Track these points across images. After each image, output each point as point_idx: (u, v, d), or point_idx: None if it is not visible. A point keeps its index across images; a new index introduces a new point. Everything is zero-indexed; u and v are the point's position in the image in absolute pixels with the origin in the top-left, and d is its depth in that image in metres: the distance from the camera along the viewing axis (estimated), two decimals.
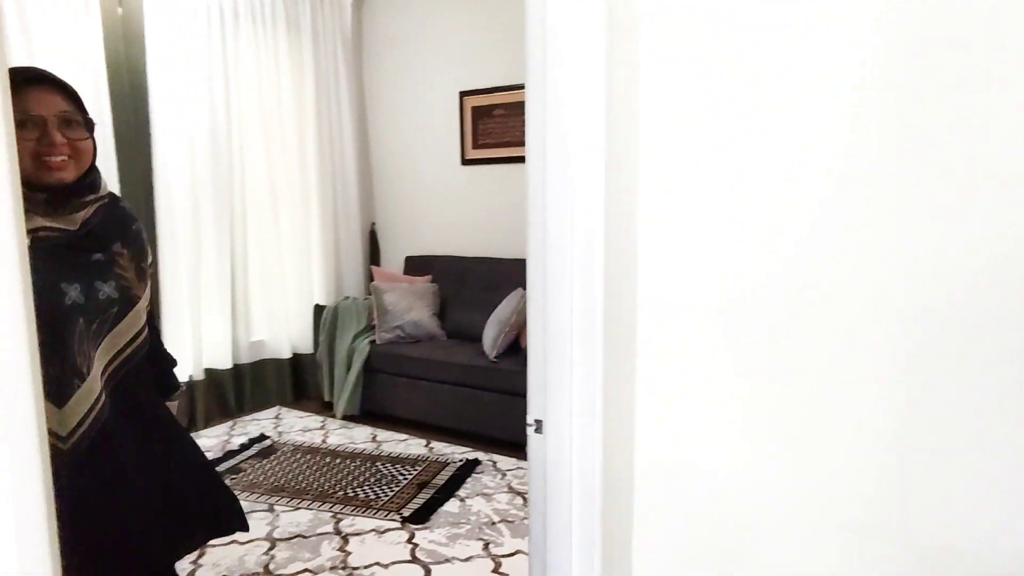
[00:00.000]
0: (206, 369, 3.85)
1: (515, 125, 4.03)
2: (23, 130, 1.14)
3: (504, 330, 3.39)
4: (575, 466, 1.16)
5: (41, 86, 1.19)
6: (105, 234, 1.28)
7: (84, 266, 1.24)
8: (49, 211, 1.19)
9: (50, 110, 1.18)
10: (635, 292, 1.03)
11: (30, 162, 1.15)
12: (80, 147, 1.21)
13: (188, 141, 3.63)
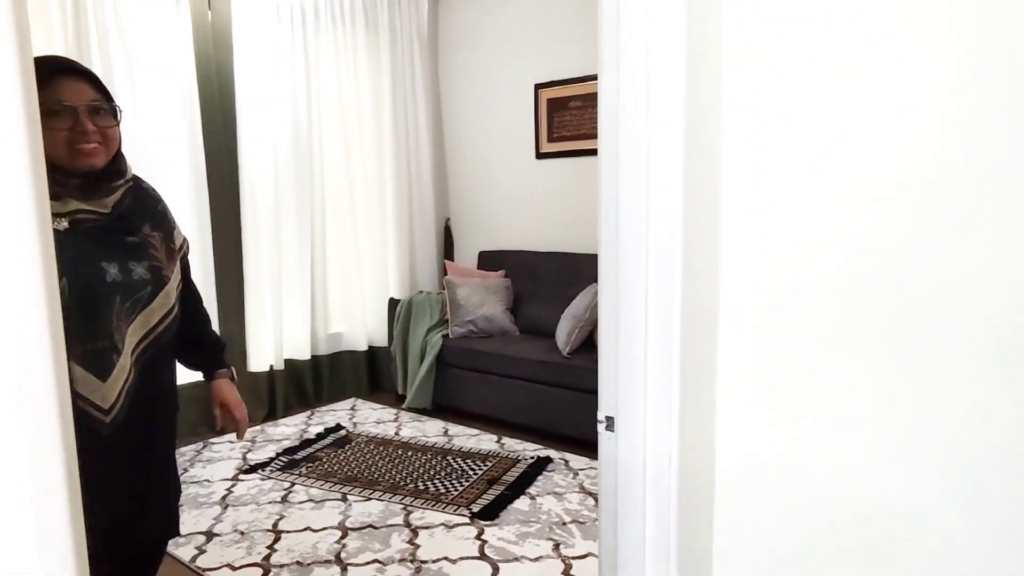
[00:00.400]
0: (286, 360, 3.96)
1: (591, 117, 3.93)
2: (55, 119, 1.19)
3: (578, 326, 3.31)
4: (649, 467, 1.08)
5: (71, 76, 1.23)
6: (135, 216, 1.33)
7: (120, 247, 1.29)
8: (83, 195, 1.23)
9: (81, 99, 1.22)
10: (716, 278, 0.93)
11: (63, 149, 1.20)
12: (109, 134, 1.26)
13: (271, 138, 3.74)
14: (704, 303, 0.96)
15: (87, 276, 1.23)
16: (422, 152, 4.51)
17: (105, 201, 1.27)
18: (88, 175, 1.24)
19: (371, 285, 4.34)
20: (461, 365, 3.73)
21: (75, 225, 1.23)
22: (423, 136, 4.50)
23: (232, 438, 3.52)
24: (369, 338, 4.35)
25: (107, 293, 1.25)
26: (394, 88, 4.30)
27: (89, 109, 1.24)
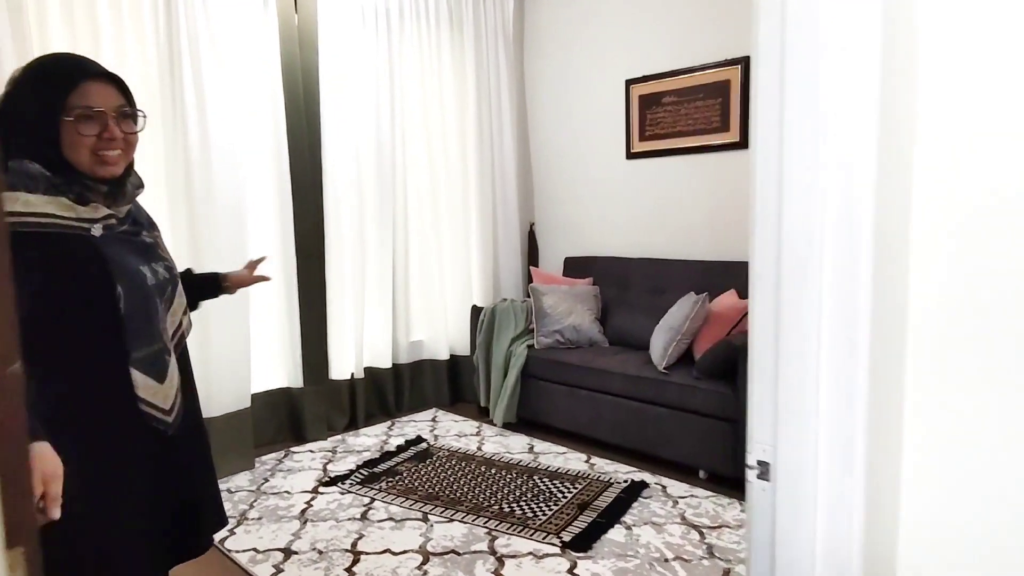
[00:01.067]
0: (367, 368, 3.87)
1: (687, 113, 3.65)
2: (84, 124, 1.14)
3: (676, 338, 3.03)
4: (820, 535, 0.83)
5: (99, 80, 1.17)
6: (139, 220, 1.29)
7: (142, 249, 1.26)
8: (109, 201, 1.19)
9: (109, 104, 1.17)
10: (906, 291, 0.68)
11: (87, 156, 1.15)
12: (131, 141, 1.22)
13: (354, 141, 3.67)
14: (902, 318, 0.71)
15: (137, 281, 1.20)
16: (506, 154, 4.34)
17: (122, 209, 1.23)
18: (111, 182, 1.20)
19: (453, 292, 4.21)
20: (547, 378, 3.52)
21: (108, 230, 1.19)
22: (507, 137, 4.34)
23: (312, 447, 3.44)
24: (451, 346, 4.21)
25: (152, 295, 1.23)
26: (478, 88, 4.16)
27: (118, 114, 1.18)
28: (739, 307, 3.04)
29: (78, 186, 1.14)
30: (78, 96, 1.13)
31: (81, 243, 1.13)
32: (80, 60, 1.20)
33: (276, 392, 3.55)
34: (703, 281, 3.48)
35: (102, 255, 1.14)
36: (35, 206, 1.08)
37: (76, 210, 1.13)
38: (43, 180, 1.10)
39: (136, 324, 1.18)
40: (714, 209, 3.61)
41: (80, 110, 1.12)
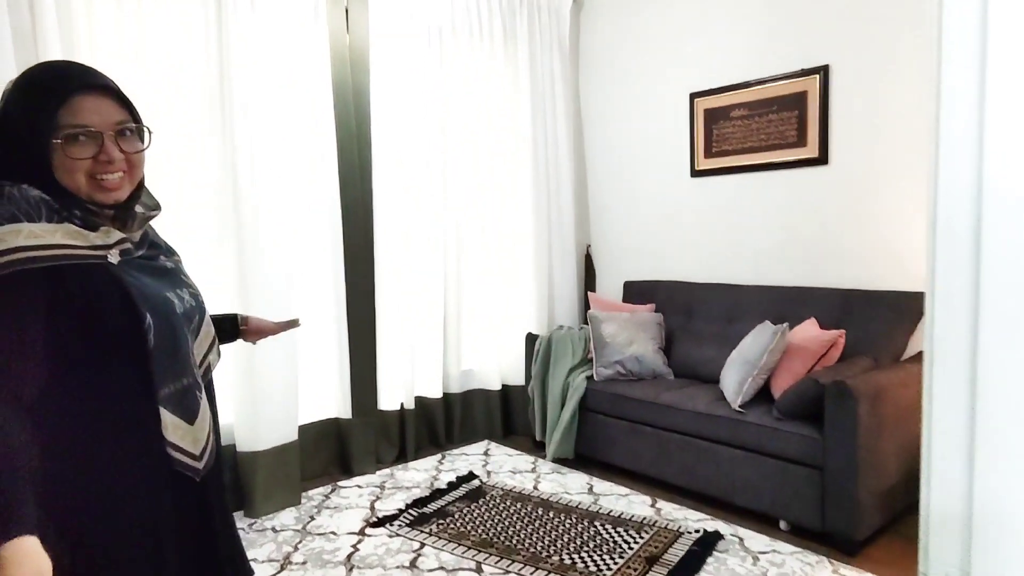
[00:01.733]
0: (417, 397, 3.71)
1: (759, 127, 3.40)
2: (76, 146, 0.98)
3: (752, 373, 2.76)
4: None
5: (93, 93, 1.00)
6: (154, 245, 1.16)
7: (164, 275, 1.11)
8: (119, 225, 1.04)
9: (106, 121, 1.00)
10: None
11: (84, 181, 0.99)
12: (135, 160, 1.05)
13: (405, 163, 3.54)
14: None
15: (164, 309, 1.05)
16: (561, 173, 4.16)
17: (135, 234, 1.08)
18: (118, 205, 1.04)
19: (506, 318, 4.02)
20: (608, 412, 3.28)
21: (124, 256, 1.03)
22: (563, 154, 4.15)
23: (360, 481, 3.29)
24: (503, 376, 4.02)
25: (180, 324, 1.08)
26: (532, 104, 4.00)
27: (116, 132, 1.01)
28: (822, 339, 2.75)
29: (81, 211, 0.99)
30: (68, 113, 0.97)
31: (100, 273, 0.97)
32: (71, 69, 1.03)
33: (324, 423, 3.42)
34: (778, 309, 3.20)
35: (124, 284, 0.98)
36: (42, 237, 0.92)
37: (87, 237, 0.98)
38: (45, 206, 0.95)
39: (164, 357, 1.02)
40: (790, 230, 3.33)
41: (69, 130, 0.97)
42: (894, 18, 2.90)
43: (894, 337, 2.85)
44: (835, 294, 3.06)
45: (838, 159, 3.13)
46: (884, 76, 2.95)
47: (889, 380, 2.54)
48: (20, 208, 0.92)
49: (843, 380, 2.39)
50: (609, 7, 4.12)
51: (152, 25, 2.72)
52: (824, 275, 3.20)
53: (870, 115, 3.01)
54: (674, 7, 3.75)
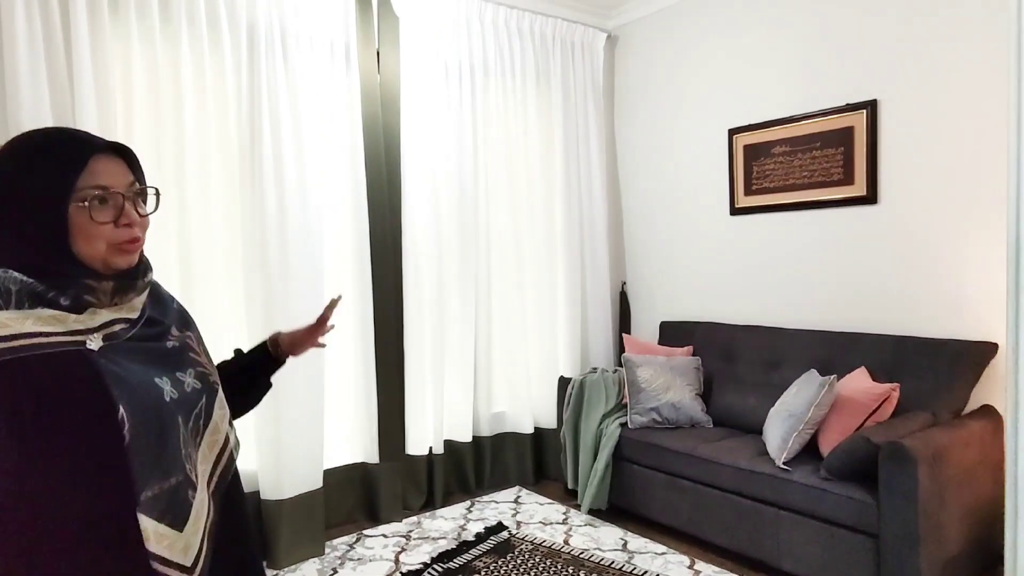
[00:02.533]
0: (446, 441, 3.61)
1: (802, 163, 3.25)
2: (98, 210, 0.92)
3: (798, 428, 2.59)
4: None
5: (107, 155, 0.95)
6: (160, 317, 1.06)
7: (163, 356, 1.01)
8: (114, 300, 0.96)
9: (122, 183, 0.96)
10: None
11: (104, 247, 0.93)
12: (146, 223, 1.00)
13: (435, 202, 3.50)
14: None
15: (147, 399, 0.93)
16: (595, 210, 4.06)
17: (134, 303, 0.99)
18: (122, 275, 0.97)
19: (538, 359, 3.91)
20: (643, 463, 3.12)
21: (110, 339, 0.94)
22: (597, 191, 4.06)
23: (386, 530, 3.19)
24: (535, 419, 3.89)
25: (170, 414, 0.96)
26: (566, 141, 3.93)
27: (133, 195, 0.97)
28: (875, 392, 2.56)
29: (75, 288, 0.91)
30: (89, 176, 0.92)
31: (72, 362, 0.88)
32: (81, 133, 0.99)
33: (350, 468, 3.35)
34: (824, 355, 3.02)
35: (98, 372, 0.89)
36: (7, 326, 0.85)
37: (65, 321, 0.89)
38: (17, 291, 0.87)
39: (145, 454, 0.91)
40: (837, 271, 3.16)
41: (91, 192, 0.91)
42: (945, 50, 2.74)
43: (954, 389, 2.64)
44: (887, 341, 2.87)
45: (889, 198, 2.96)
46: (936, 111, 2.79)
47: (950, 439, 2.34)
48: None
49: (900, 441, 2.20)
50: (644, 43, 4.04)
51: (186, 73, 2.74)
52: (874, 320, 3.02)
53: (923, 152, 2.84)
54: (711, 42, 3.65)
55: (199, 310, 2.78)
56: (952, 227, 2.77)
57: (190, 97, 2.77)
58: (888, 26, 2.91)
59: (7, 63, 2.40)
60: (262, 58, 2.90)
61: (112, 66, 2.59)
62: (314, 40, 3.07)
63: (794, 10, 3.26)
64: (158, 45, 2.68)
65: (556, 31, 3.90)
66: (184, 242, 2.78)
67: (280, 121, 2.95)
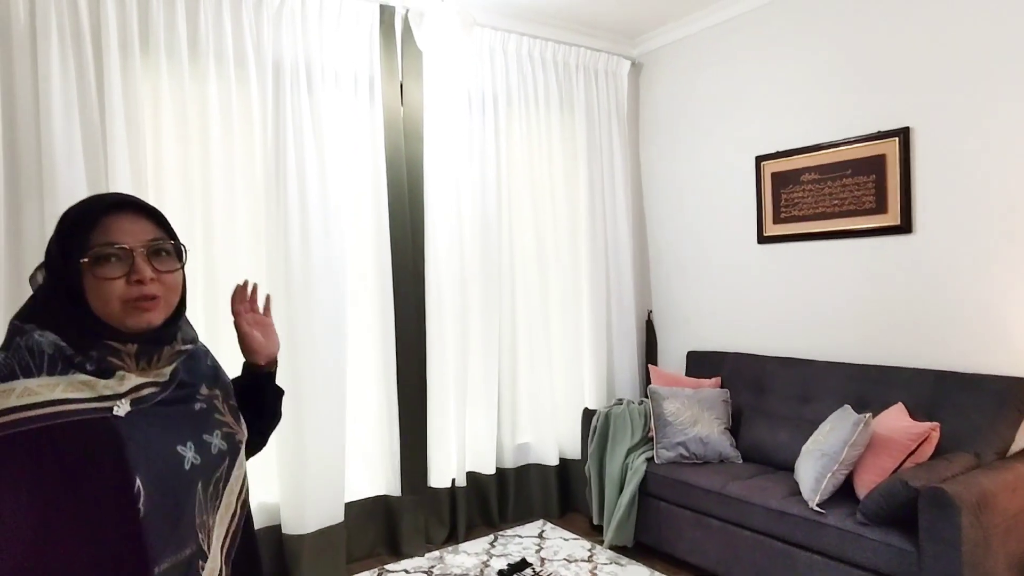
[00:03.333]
0: (468, 473, 3.56)
1: (832, 192, 3.18)
2: (106, 266, 0.91)
3: (832, 468, 2.49)
4: None
5: (123, 212, 0.95)
6: (191, 377, 1.04)
7: (189, 419, 1.00)
8: (140, 363, 0.94)
9: (137, 239, 0.94)
10: None
11: (117, 305, 0.92)
12: (170, 281, 0.98)
13: (459, 232, 3.49)
14: None
15: (165, 469, 0.92)
16: (620, 237, 4.02)
17: (163, 371, 0.98)
18: (146, 337, 0.95)
19: (563, 389, 3.85)
20: (670, 499, 3.04)
21: (137, 405, 0.92)
22: (621, 219, 4.02)
23: (408, 565, 3.14)
24: (560, 450, 3.83)
25: (188, 483, 0.95)
26: (590, 168, 3.90)
27: (148, 250, 0.95)
28: (913, 432, 2.46)
29: (99, 350, 0.91)
30: (99, 233, 0.92)
31: (98, 430, 0.87)
32: (105, 194, 1.00)
33: (372, 501, 3.31)
34: (858, 389, 2.92)
35: (120, 442, 0.88)
36: (38, 394, 0.84)
37: (95, 387, 0.89)
38: (51, 355, 0.88)
39: (160, 527, 0.89)
40: (870, 302, 3.06)
41: (98, 249, 0.91)
42: (980, 76, 2.66)
43: (998, 429, 2.52)
44: (925, 376, 2.76)
45: (924, 227, 2.87)
46: (973, 138, 2.70)
47: (996, 484, 2.22)
48: (21, 362, 0.86)
49: (941, 487, 2.10)
50: (669, 70, 4.01)
51: (213, 108, 2.79)
52: (912, 354, 2.91)
53: (959, 180, 2.75)
54: (737, 68, 3.61)
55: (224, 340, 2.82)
56: (992, 257, 2.67)
57: (217, 131, 2.81)
58: (920, 52, 2.84)
59: (42, 100, 2.46)
60: (287, 92, 2.93)
61: (142, 102, 2.64)
62: (339, 74, 3.10)
63: (822, 36, 3.20)
64: (187, 82, 2.73)
65: (580, 59, 3.90)
66: (210, 273, 2.81)
67: (304, 153, 2.97)
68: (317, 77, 3.02)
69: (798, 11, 3.30)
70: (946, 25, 2.76)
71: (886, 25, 2.96)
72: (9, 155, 2.45)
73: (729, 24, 3.64)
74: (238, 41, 2.85)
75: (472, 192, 3.52)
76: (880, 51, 2.98)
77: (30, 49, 2.46)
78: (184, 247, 1.02)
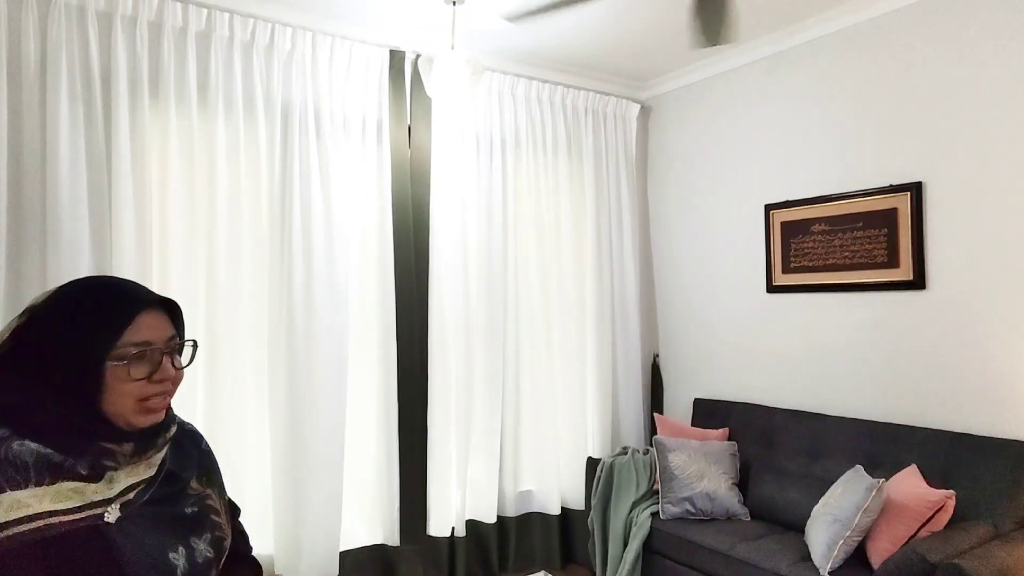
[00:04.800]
0: (468, 521, 3.47)
1: (843, 243, 3.13)
2: (136, 366, 0.87)
3: (844, 534, 2.41)
4: None
5: (155, 309, 0.92)
6: (181, 468, 0.99)
7: (180, 521, 0.94)
8: (132, 461, 0.90)
9: (163, 337, 0.91)
10: None
11: (132, 405, 0.87)
12: (179, 377, 0.94)
13: (464, 273, 3.45)
14: None
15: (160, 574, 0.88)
16: (627, 281, 3.98)
17: (152, 461, 0.93)
18: (145, 432, 0.91)
19: (567, 435, 3.77)
20: (675, 558, 2.95)
21: (126, 508, 0.88)
22: (628, 264, 3.98)
23: None
24: (563, 498, 3.74)
25: None
26: (598, 213, 3.88)
27: (172, 350, 0.93)
28: (928, 500, 2.38)
29: (92, 453, 0.85)
30: (133, 332, 0.88)
31: (87, 539, 0.83)
32: (133, 286, 0.95)
33: (369, 550, 3.23)
34: (871, 448, 2.85)
35: (113, 551, 0.84)
36: (28, 506, 0.80)
37: (84, 493, 0.84)
38: (38, 463, 0.82)
39: None
40: (883, 358, 2.99)
41: (133, 348, 0.87)
42: (995, 131, 2.63)
43: (1016, 497, 2.43)
44: (940, 437, 2.68)
45: (938, 283, 2.81)
46: (987, 194, 2.66)
47: (1016, 559, 2.14)
48: (6, 474, 0.80)
49: (958, 564, 2.02)
50: (678, 114, 4.01)
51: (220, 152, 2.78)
52: (926, 414, 2.83)
53: (974, 236, 2.70)
54: (748, 115, 3.59)
55: (223, 387, 2.78)
56: (1009, 316, 2.61)
57: (224, 176, 2.80)
58: (932, 106, 2.82)
59: (49, 143, 2.46)
60: (295, 136, 2.93)
61: (150, 147, 2.64)
62: (347, 118, 3.10)
63: (833, 87, 3.19)
64: (195, 126, 2.73)
65: (588, 103, 3.89)
66: (212, 318, 2.77)
67: (311, 199, 2.96)
68: (326, 121, 3.02)
69: (809, 63, 3.29)
70: (959, 79, 2.74)
71: (898, 78, 2.94)
72: (15, 199, 2.44)
73: (740, 71, 3.63)
74: (248, 86, 2.85)
75: (478, 236, 3.49)
76: (892, 104, 2.96)
77: (39, 91, 2.47)
78: (195, 343, 0.99)
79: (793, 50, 3.36)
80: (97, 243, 2.54)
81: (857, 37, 3.08)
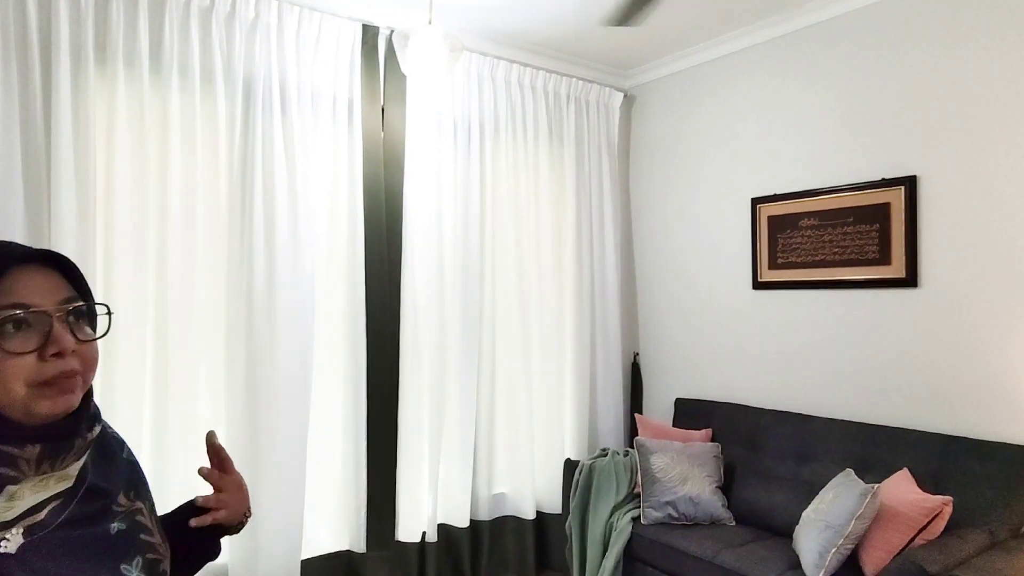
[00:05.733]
0: (440, 525, 3.29)
1: (833, 239, 3.03)
2: (15, 338, 0.67)
3: (836, 542, 2.29)
4: None
5: (32, 265, 0.71)
6: (105, 479, 0.79)
7: (103, 545, 0.75)
8: (42, 470, 0.70)
9: (52, 299, 0.71)
10: None
11: (21, 390, 0.67)
12: (88, 354, 0.74)
13: (439, 265, 3.26)
14: None
15: None
16: (608, 275, 3.84)
17: (69, 471, 0.73)
18: (56, 430, 0.71)
19: (543, 435, 3.62)
20: (657, 565, 2.81)
21: (33, 533, 0.68)
22: (609, 257, 3.84)
23: None
24: (538, 502, 3.58)
25: None
26: (578, 204, 3.72)
27: (67, 315, 0.72)
28: (924, 507, 2.27)
29: None
30: (3, 294, 0.68)
31: None
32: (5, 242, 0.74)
33: (333, 557, 3.03)
34: (861, 451, 2.74)
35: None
36: None
37: None
38: None
39: None
40: (873, 358, 2.89)
41: (10, 313, 0.67)
42: (992, 125, 2.54)
43: (1012, 503, 2.34)
44: (933, 440, 2.58)
45: (931, 281, 2.72)
46: (983, 189, 2.57)
47: (1017, 570, 2.04)
48: None
49: (956, 574, 1.91)
50: (663, 103, 3.88)
51: (174, 125, 2.55)
52: (918, 416, 2.74)
53: (969, 233, 2.61)
54: (734, 105, 3.47)
55: (173, 383, 2.56)
56: (1005, 317, 2.52)
57: (177, 150, 2.57)
58: (928, 98, 2.72)
59: None
60: (258, 112, 2.71)
61: (94, 116, 2.40)
62: (316, 95, 2.90)
63: (823, 77, 3.08)
64: (146, 96, 2.50)
65: (571, 89, 3.74)
66: (162, 308, 2.55)
67: (275, 179, 2.75)
68: (292, 98, 2.80)
69: (798, 51, 3.18)
70: (957, 71, 2.64)
71: (892, 68, 2.84)
72: None
73: (726, 60, 3.51)
74: (206, 55, 2.62)
75: (454, 224, 3.31)
76: (885, 95, 2.86)
77: None
78: (108, 308, 0.78)
79: (783, 38, 3.24)
80: (33, 220, 2.29)
81: (850, 23, 2.98)
